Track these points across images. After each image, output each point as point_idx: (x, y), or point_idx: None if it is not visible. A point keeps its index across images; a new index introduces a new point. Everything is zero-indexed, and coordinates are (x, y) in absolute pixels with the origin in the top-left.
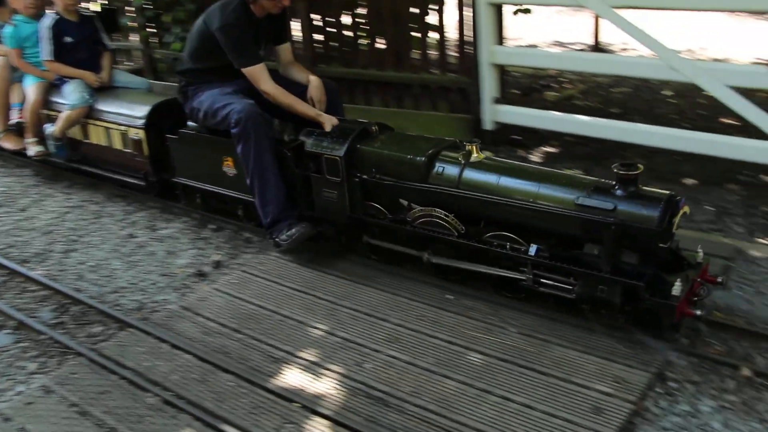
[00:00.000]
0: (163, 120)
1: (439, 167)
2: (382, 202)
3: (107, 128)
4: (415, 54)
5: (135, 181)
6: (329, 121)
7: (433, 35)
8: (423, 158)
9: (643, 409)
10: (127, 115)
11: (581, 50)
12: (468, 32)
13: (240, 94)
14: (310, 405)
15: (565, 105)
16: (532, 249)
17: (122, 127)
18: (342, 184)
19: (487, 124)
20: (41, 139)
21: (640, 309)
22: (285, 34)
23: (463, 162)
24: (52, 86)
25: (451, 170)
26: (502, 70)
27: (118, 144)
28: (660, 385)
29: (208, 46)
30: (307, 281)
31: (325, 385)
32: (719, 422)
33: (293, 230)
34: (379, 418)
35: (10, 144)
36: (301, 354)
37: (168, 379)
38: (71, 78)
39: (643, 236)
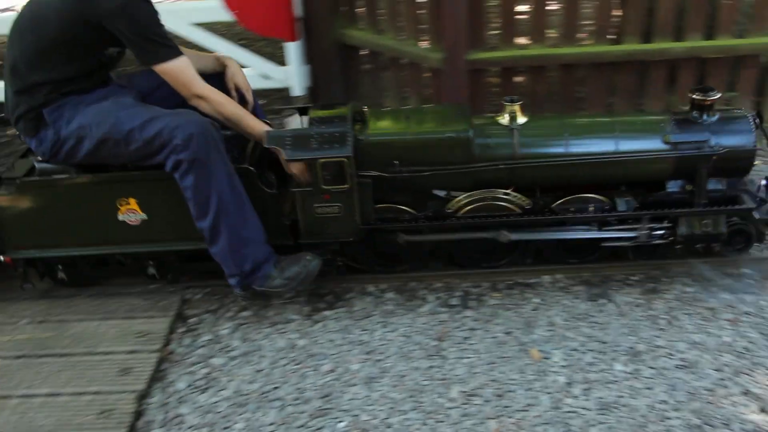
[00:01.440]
0: None
1: (484, 140)
2: (402, 200)
3: None
4: None
5: None
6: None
7: None
8: (468, 133)
9: (170, 353)
10: None
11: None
12: None
13: (147, 106)
14: None
15: None
16: (622, 204)
17: None
18: (350, 192)
19: None
20: None
21: (732, 232)
22: None
23: (513, 128)
24: None
25: (502, 140)
26: None
27: None
28: (182, 325)
29: (82, 42)
30: None
31: None
32: (238, 339)
33: (294, 269)
34: None
35: None
36: None
37: None
38: None
39: (741, 159)
